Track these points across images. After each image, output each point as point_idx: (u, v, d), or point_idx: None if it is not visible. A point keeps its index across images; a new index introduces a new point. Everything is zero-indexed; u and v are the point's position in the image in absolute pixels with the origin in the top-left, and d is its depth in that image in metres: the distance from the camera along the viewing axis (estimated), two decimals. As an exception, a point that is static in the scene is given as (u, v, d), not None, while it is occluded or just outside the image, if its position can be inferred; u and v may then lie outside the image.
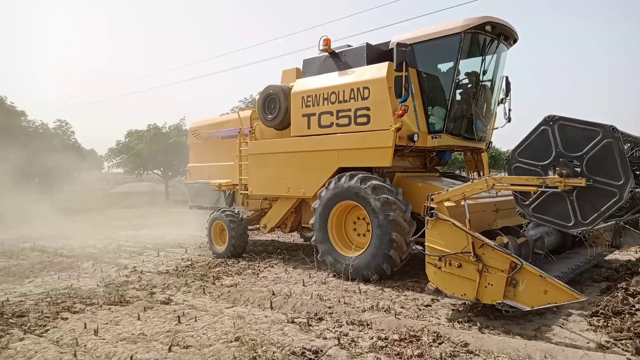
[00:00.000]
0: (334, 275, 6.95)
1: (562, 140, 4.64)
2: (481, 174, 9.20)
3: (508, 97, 8.83)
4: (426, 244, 5.00)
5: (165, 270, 7.85)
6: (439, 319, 4.85)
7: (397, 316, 4.75)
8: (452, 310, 5.10)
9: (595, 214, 4.45)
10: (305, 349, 4.04)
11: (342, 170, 7.46)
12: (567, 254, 6.57)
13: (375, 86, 7.18)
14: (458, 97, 7.84)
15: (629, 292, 4.64)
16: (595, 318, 4.51)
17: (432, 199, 5.08)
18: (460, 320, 4.70)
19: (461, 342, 4.08)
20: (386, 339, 4.24)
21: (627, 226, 7.38)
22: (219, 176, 10.46)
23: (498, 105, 8.84)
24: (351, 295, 5.83)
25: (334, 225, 7.42)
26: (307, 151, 8.11)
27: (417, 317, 4.93)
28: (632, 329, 4.07)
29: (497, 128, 9.33)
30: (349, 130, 7.47)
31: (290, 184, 8.41)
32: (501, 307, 4.35)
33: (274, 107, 8.81)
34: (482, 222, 6.18)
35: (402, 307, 5.27)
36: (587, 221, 4.49)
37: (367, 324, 4.63)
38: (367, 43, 8.00)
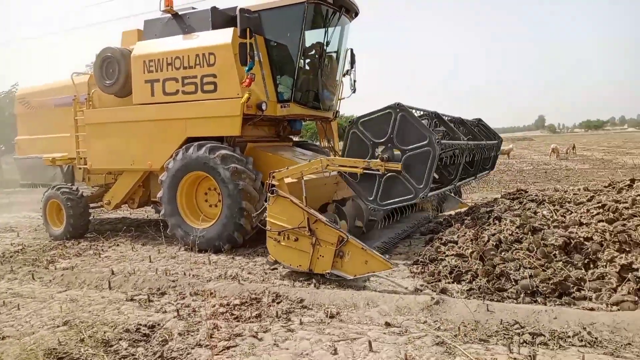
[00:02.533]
0: (185, 249, 6.79)
1: (398, 129, 5.02)
2: (331, 142, 9.67)
3: (353, 69, 9.32)
4: (267, 219, 5.18)
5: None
6: (283, 280, 5.07)
7: (241, 282, 4.84)
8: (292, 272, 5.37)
9: (390, 201, 5.11)
10: (140, 324, 3.92)
11: (190, 140, 7.21)
12: (400, 220, 7.38)
13: (221, 52, 6.98)
14: (305, 67, 8.03)
15: (442, 242, 5.34)
16: (415, 266, 5.12)
17: (273, 176, 5.21)
18: (301, 279, 4.97)
19: (298, 299, 4.32)
20: (228, 304, 4.31)
21: (450, 193, 8.45)
22: (54, 149, 9.36)
23: (344, 76, 9.30)
24: (200, 267, 5.78)
25: (184, 197, 7.18)
26: (151, 120, 7.65)
27: (263, 280, 5.09)
28: (440, 272, 4.71)
29: (343, 98, 9.85)
30: (195, 99, 7.21)
31: (135, 156, 7.90)
32: (329, 276, 4.77)
33: (113, 72, 8.09)
34: (323, 195, 6.55)
35: (249, 273, 5.40)
36: (383, 203, 5.15)
37: (211, 293, 4.64)
38: (213, 7, 7.70)
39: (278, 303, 4.28)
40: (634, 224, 4.46)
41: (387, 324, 3.71)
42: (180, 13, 7.95)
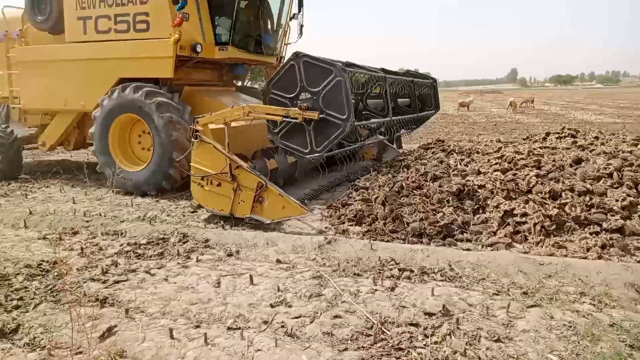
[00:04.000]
0: (115, 191, 6.83)
1: (305, 76, 5.05)
2: None
3: (300, 13, 9.14)
4: (191, 164, 5.26)
5: None
6: (199, 222, 5.25)
7: (152, 223, 4.99)
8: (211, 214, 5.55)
9: (325, 142, 5.06)
10: (43, 260, 4.05)
11: (123, 81, 7.06)
12: (339, 169, 7.51)
13: None
14: (243, 9, 7.85)
15: (355, 188, 5.58)
16: (327, 210, 5.37)
17: (197, 122, 5.23)
18: (216, 222, 5.16)
19: (203, 239, 4.52)
20: (135, 244, 4.47)
21: (388, 143, 8.62)
22: None
23: (290, 20, 9.13)
24: (122, 208, 5.88)
25: (116, 137, 7.06)
26: (84, 59, 7.41)
27: (179, 222, 5.26)
28: (346, 215, 4.97)
29: (289, 43, 9.72)
30: (128, 38, 6.99)
31: (68, 96, 7.71)
32: (249, 220, 4.94)
33: (45, 7, 7.72)
34: (255, 141, 6.57)
35: (168, 215, 5.55)
36: (319, 148, 5.10)
37: (122, 233, 4.79)
38: None
39: (184, 243, 4.47)
40: (523, 174, 4.78)
41: (278, 261, 3.96)
42: None
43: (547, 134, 6.37)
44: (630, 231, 4.03)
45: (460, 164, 5.37)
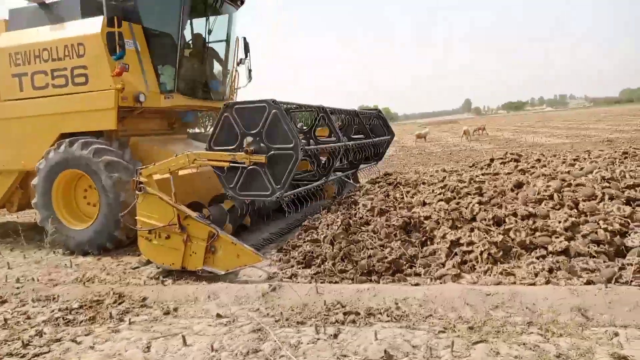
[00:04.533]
0: (55, 251, 6.43)
1: (241, 122, 4.86)
2: None
3: (247, 58, 9.19)
4: (137, 217, 4.97)
5: None
6: (140, 278, 4.95)
7: (86, 284, 4.67)
8: (158, 268, 5.26)
9: (284, 177, 4.75)
10: (-41, 337, 3.67)
11: (65, 136, 6.79)
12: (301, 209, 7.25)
13: (90, 43, 6.58)
14: (187, 56, 7.82)
15: (304, 228, 5.43)
16: (277, 254, 5.17)
17: (140, 173, 4.99)
18: (158, 276, 4.87)
19: (140, 298, 4.23)
20: (67, 309, 4.14)
21: (346, 179, 8.53)
22: None
23: (238, 65, 9.17)
24: (59, 270, 5.50)
25: (60, 191, 6.68)
26: (21, 117, 7.14)
27: (117, 281, 4.93)
28: (295, 258, 4.79)
29: (239, 88, 9.72)
30: (67, 92, 6.77)
31: (7, 156, 7.37)
32: (201, 273, 4.64)
33: None
34: (199, 191, 6.15)
35: (107, 274, 5.21)
36: (279, 185, 4.75)
37: (54, 298, 4.44)
38: None
39: (120, 304, 4.17)
40: (466, 202, 4.77)
41: (218, 315, 3.72)
42: (47, 1, 7.46)
43: (492, 159, 6.46)
44: (575, 252, 4.01)
45: (406, 196, 5.33)
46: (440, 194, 5.09)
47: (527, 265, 3.97)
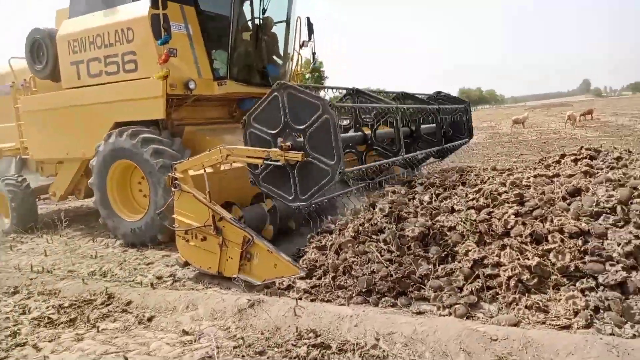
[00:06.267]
0: (124, 243, 6.36)
1: (289, 109, 4.33)
2: None
3: (311, 40, 8.67)
4: (175, 216, 4.68)
5: None
6: (146, 277, 4.77)
7: (85, 281, 4.58)
8: (167, 265, 5.08)
9: (312, 190, 4.26)
10: (-47, 329, 3.75)
11: (119, 125, 6.66)
12: None
13: (138, 27, 6.38)
14: (242, 40, 7.39)
15: (318, 231, 4.79)
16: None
17: (175, 169, 4.69)
18: (161, 278, 4.67)
19: (126, 301, 4.03)
20: (59, 306, 4.08)
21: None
22: (5, 140, 9.32)
23: (301, 48, 8.67)
24: (83, 261, 5.57)
25: (115, 184, 6.68)
26: (80, 105, 7.20)
27: (126, 277, 4.80)
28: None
29: (300, 73, 9.26)
30: (118, 80, 6.72)
31: (69, 145, 7.62)
32: (237, 281, 4.19)
33: (42, 55, 7.76)
34: (239, 189, 5.48)
35: (121, 269, 5.13)
36: (304, 197, 4.30)
37: (55, 293, 4.43)
38: None
39: (107, 306, 4.01)
40: (501, 212, 3.86)
41: (184, 332, 3.36)
42: None
43: (562, 155, 5.31)
44: (635, 288, 3.01)
45: (435, 200, 4.51)
46: (473, 199, 4.21)
47: (567, 300, 3.06)
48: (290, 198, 4.37)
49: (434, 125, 6.81)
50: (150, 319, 3.65)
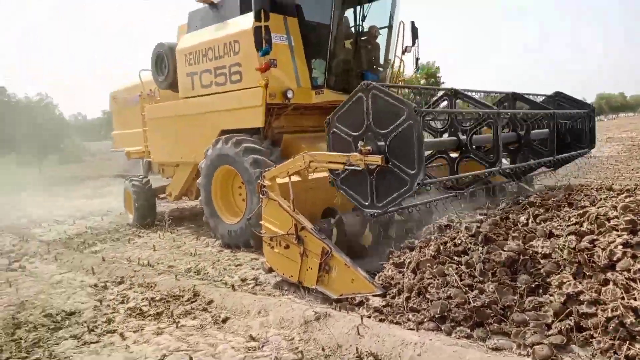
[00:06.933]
0: (222, 244, 6.72)
1: (373, 112, 4.23)
2: None
3: (415, 45, 8.46)
4: (262, 222, 4.83)
5: (53, 239, 8.16)
6: (233, 277, 5.01)
7: (177, 278, 4.90)
8: (253, 268, 5.27)
9: (388, 199, 4.10)
10: (64, 310, 4.28)
11: (225, 133, 7.11)
12: None
13: (243, 39, 6.73)
14: (339, 48, 7.38)
15: (405, 246, 4.58)
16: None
17: (263, 176, 4.82)
18: (245, 280, 4.85)
19: (208, 300, 4.24)
20: (152, 299, 4.43)
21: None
22: (135, 144, 10.48)
23: (403, 54, 8.51)
24: (181, 258, 6.01)
25: (219, 187, 7.14)
26: (192, 114, 7.88)
27: (217, 276, 5.09)
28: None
29: (403, 79, 9.07)
30: (225, 90, 7.19)
31: (183, 149, 8.33)
32: (315, 293, 4.24)
33: (164, 67, 8.57)
34: (325, 198, 5.36)
35: (213, 268, 5.45)
36: (380, 204, 4.15)
37: (151, 286, 4.82)
38: None
39: (192, 302, 4.26)
40: (606, 241, 3.32)
41: (251, 338, 3.42)
42: (215, 1, 7.75)
43: None
44: None
45: (533, 221, 4.04)
46: (576, 223, 3.69)
47: (679, 355, 2.52)
48: (367, 204, 4.23)
49: (547, 130, 6.09)
50: (224, 320, 3.80)
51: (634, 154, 16.48)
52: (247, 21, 6.72)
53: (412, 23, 8.22)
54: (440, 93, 6.47)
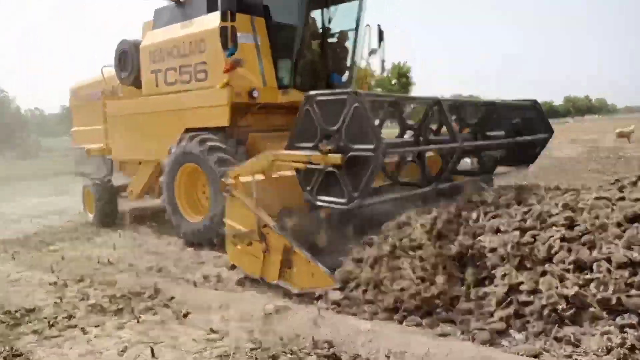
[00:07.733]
0: (184, 242, 6.73)
1: (322, 116, 4.38)
2: None
3: (380, 48, 8.60)
4: (225, 219, 4.90)
5: (9, 238, 7.94)
6: (195, 275, 5.06)
7: (139, 275, 4.94)
8: (215, 266, 5.34)
9: (362, 184, 4.15)
10: (23, 307, 4.23)
11: (189, 131, 7.06)
12: None
13: (209, 38, 6.75)
14: (307, 49, 7.56)
15: (364, 242, 4.76)
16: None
17: (227, 175, 4.87)
18: (207, 277, 4.92)
19: (169, 297, 4.28)
20: (112, 296, 4.44)
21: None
22: (95, 141, 10.24)
23: (369, 56, 8.69)
24: (143, 256, 6.01)
25: (182, 186, 7.12)
26: (156, 112, 7.82)
27: (176, 274, 5.13)
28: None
29: (369, 82, 9.27)
30: (190, 88, 7.20)
31: (146, 147, 8.24)
32: (277, 288, 4.34)
33: (127, 64, 8.48)
34: (287, 197, 5.33)
35: (175, 266, 5.48)
36: (357, 193, 4.18)
37: (113, 284, 4.82)
38: None
39: (153, 299, 4.30)
40: (546, 235, 3.60)
41: (212, 330, 3.52)
42: None
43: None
44: (686, 329, 2.68)
45: (483, 218, 4.30)
46: (521, 220, 3.97)
47: (602, 335, 2.80)
48: (345, 200, 4.26)
49: (503, 132, 6.37)
50: (185, 315, 3.86)
51: (593, 156, 17.36)
52: (213, 20, 6.74)
53: (379, 26, 8.44)
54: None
